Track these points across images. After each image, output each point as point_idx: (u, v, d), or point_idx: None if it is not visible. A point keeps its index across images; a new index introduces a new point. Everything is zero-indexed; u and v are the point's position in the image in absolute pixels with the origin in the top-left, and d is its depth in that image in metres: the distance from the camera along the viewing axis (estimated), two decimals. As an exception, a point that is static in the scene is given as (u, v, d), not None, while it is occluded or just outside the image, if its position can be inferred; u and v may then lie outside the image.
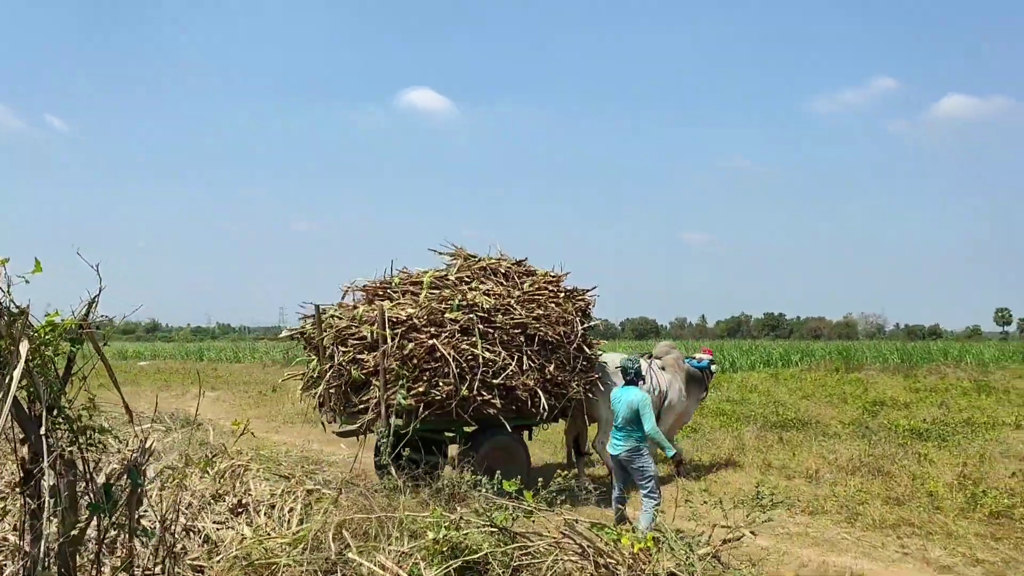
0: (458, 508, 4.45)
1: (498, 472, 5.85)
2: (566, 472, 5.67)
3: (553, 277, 9.52)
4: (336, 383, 8.36)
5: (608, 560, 3.53)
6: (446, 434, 8.28)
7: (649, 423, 6.94)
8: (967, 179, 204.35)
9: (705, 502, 5.42)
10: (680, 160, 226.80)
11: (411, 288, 8.85)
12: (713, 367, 10.68)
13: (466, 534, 3.73)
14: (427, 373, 7.91)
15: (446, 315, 8.17)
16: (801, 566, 6.57)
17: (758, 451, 11.42)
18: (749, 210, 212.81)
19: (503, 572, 3.54)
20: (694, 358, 10.63)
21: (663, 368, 10.16)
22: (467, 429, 8.58)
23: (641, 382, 7.39)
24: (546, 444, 12.34)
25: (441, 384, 7.89)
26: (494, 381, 8.18)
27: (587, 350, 9.17)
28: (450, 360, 7.85)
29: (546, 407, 8.54)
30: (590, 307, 9.60)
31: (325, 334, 8.40)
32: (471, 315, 8.24)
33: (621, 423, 7.14)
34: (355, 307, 8.66)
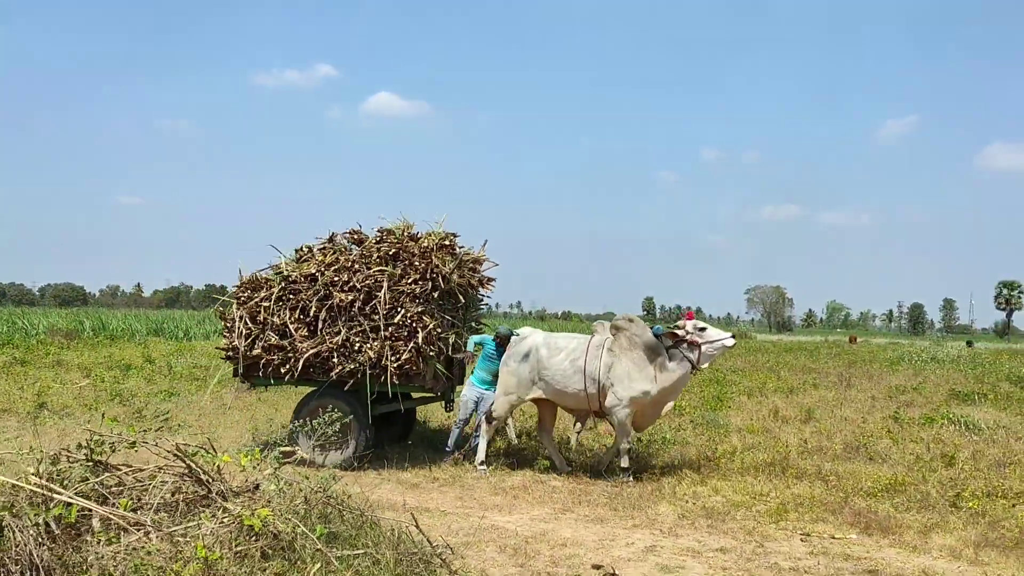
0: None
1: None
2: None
3: (386, 240, 9.04)
4: None
5: (207, 477, 4.13)
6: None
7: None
8: (390, 170, 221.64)
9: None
10: (115, 121, 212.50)
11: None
12: (681, 333, 8.45)
13: (62, 469, 3.98)
14: (232, 334, 8.95)
15: (266, 283, 9.04)
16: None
17: (244, 410, 12.30)
18: (187, 175, 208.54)
19: (97, 500, 3.91)
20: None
21: (611, 350, 8.57)
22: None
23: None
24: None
25: (233, 343, 8.88)
26: (279, 343, 8.76)
27: (407, 314, 8.55)
28: (237, 322, 8.90)
29: (367, 372, 8.54)
30: (433, 269, 8.71)
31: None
32: (280, 284, 8.94)
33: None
34: None
